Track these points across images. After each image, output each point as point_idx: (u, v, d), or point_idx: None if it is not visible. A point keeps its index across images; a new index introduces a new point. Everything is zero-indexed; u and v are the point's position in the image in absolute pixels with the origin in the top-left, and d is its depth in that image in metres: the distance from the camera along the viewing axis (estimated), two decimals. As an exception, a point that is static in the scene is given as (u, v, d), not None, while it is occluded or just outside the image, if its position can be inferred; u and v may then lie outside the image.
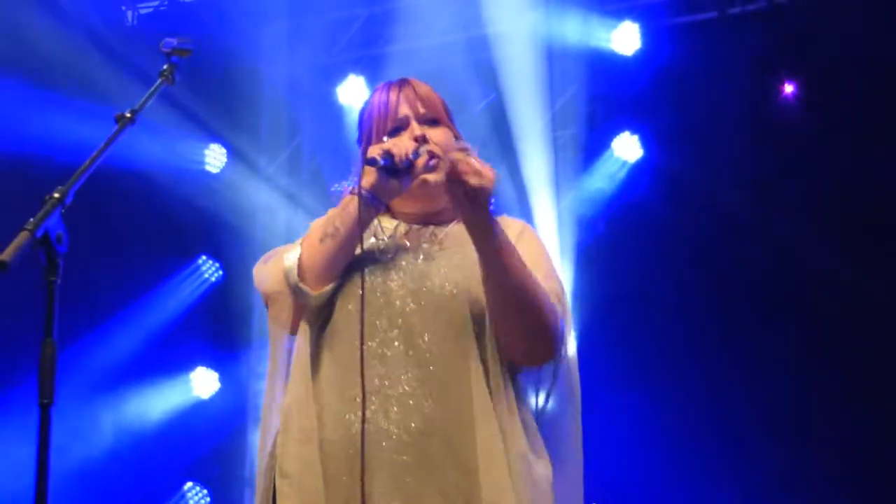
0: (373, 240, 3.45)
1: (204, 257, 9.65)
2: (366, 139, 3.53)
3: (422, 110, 3.50)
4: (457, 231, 3.40)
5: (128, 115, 3.21)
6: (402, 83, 3.55)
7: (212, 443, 9.20)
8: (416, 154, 3.33)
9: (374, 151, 3.31)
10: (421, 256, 3.39)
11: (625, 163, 9.22)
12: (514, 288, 3.17)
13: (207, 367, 9.58)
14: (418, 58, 8.61)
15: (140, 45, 8.88)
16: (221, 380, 9.50)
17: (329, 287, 3.32)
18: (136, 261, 9.31)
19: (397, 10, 9.06)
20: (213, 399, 9.55)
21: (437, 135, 3.46)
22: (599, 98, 9.24)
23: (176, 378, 9.52)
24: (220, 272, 9.64)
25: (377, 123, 3.51)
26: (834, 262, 8.50)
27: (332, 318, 3.34)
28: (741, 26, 8.94)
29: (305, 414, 3.27)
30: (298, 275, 3.32)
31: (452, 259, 3.36)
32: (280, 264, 3.37)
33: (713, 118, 8.80)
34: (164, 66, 3.41)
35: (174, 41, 3.42)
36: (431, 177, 3.39)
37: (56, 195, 2.88)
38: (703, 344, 8.73)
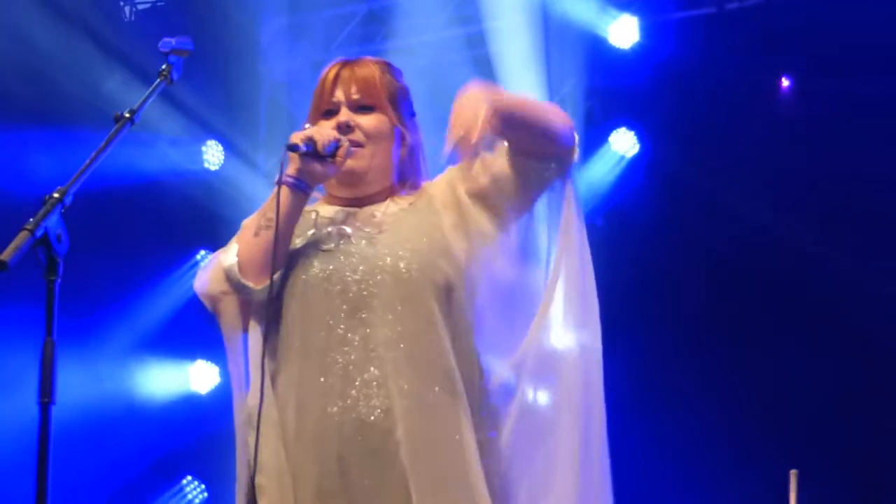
0: (313, 230, 3.47)
1: (203, 252, 9.65)
2: (308, 119, 3.56)
3: (355, 95, 3.49)
4: (394, 208, 3.46)
5: (126, 114, 3.21)
6: (345, 64, 3.56)
7: (210, 437, 9.21)
8: (336, 143, 3.35)
9: (296, 138, 3.32)
10: (364, 241, 3.41)
11: (622, 157, 9.23)
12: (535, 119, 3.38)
13: (207, 360, 9.59)
14: (416, 53, 8.61)
15: (138, 40, 8.88)
16: (221, 374, 9.50)
17: (269, 280, 3.33)
18: (135, 255, 9.31)
19: (396, 6, 9.06)
20: (212, 393, 9.55)
21: (368, 121, 3.47)
22: (597, 92, 9.24)
23: (175, 372, 9.53)
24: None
25: (313, 105, 3.55)
26: (833, 256, 8.51)
27: (283, 312, 3.38)
28: (739, 21, 8.93)
29: (268, 409, 3.30)
30: (239, 271, 3.35)
31: (398, 235, 3.39)
32: (219, 265, 3.40)
33: (711, 113, 8.81)
34: (163, 66, 3.41)
35: (172, 41, 3.43)
36: (354, 163, 3.43)
37: (56, 195, 2.89)
38: (701, 338, 8.74)
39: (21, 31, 8.48)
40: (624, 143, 9.23)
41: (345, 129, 3.43)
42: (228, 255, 3.39)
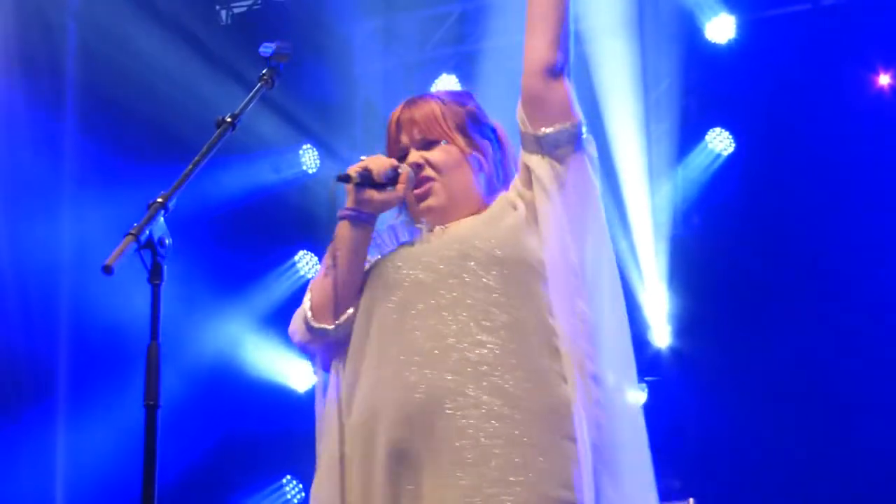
0: (380, 249, 3.51)
1: (302, 251, 9.71)
2: None
3: (418, 136, 3.51)
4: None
5: (228, 119, 3.24)
6: (405, 107, 3.58)
7: (308, 436, 9.23)
8: (395, 170, 3.38)
9: (351, 170, 3.35)
10: (427, 242, 3.42)
11: (718, 156, 9.18)
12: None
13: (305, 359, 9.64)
14: (511, 54, 8.58)
15: (234, 43, 8.95)
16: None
17: (345, 316, 3.38)
18: (237, 254, 9.40)
19: (490, 7, 9.05)
20: (309, 392, 9.60)
21: (435, 155, 3.48)
22: (693, 91, 9.19)
23: (273, 371, 9.58)
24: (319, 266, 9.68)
25: (386, 152, 3.56)
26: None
27: (357, 331, 3.40)
28: (834, 17, 8.85)
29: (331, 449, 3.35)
30: (313, 317, 3.39)
31: (459, 230, 3.40)
32: (300, 313, 3.45)
33: (806, 110, 8.72)
34: (264, 71, 3.44)
35: (273, 46, 3.46)
36: (433, 201, 3.47)
37: (159, 200, 2.92)
38: (800, 334, 8.65)
39: (122, 39, 8.59)
40: (720, 141, 9.18)
41: (416, 168, 3.46)
42: (304, 302, 3.45)
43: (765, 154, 8.94)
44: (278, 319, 9.43)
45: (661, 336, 9.09)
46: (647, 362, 9.00)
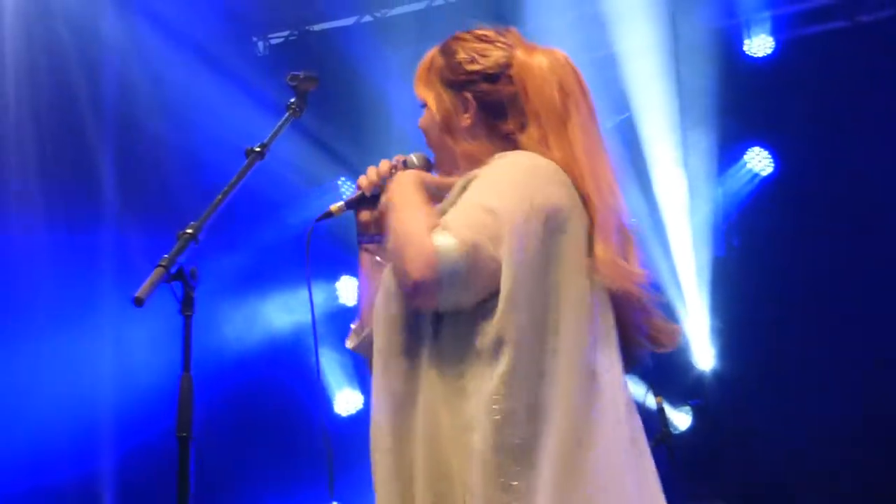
0: None
1: (344, 276, 9.72)
2: None
3: (419, 102, 3.36)
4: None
5: (257, 148, 3.24)
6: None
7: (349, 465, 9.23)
8: (384, 180, 3.30)
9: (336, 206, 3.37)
10: None
11: (757, 175, 9.15)
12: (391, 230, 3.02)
13: (352, 388, 9.77)
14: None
15: (270, 74, 8.98)
16: (364, 402, 9.58)
17: (363, 335, 3.34)
18: (273, 287, 9.43)
19: (523, 32, 9.02)
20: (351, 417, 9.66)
21: (420, 121, 3.35)
22: (731, 111, 9.14)
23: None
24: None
25: None
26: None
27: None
28: (873, 34, 8.80)
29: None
30: (349, 336, 3.40)
31: None
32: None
33: (845, 128, 8.67)
34: (292, 100, 3.44)
35: (300, 74, 3.45)
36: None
37: (189, 231, 2.91)
38: (843, 355, 8.59)
39: (160, 71, 8.64)
40: (759, 161, 9.14)
41: (399, 166, 3.41)
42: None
43: (804, 173, 8.90)
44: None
45: (704, 358, 9.05)
46: (690, 385, 8.97)
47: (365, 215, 3.32)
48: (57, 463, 8.13)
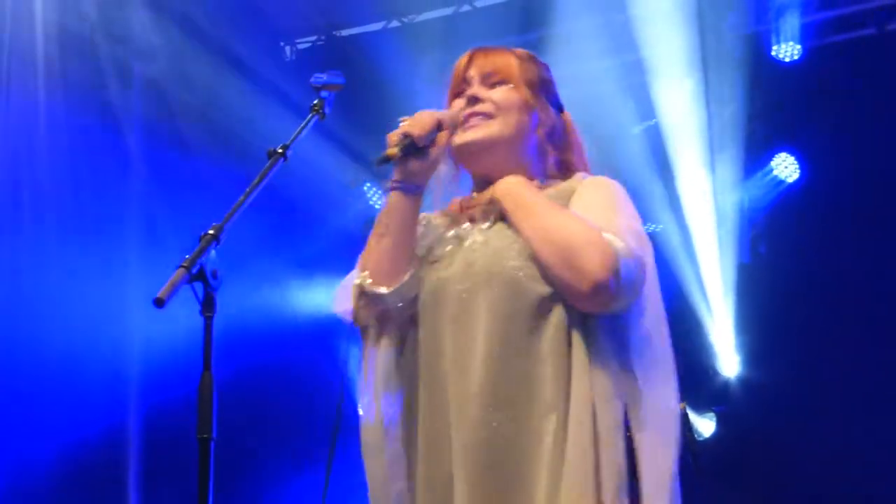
0: (432, 238, 3.39)
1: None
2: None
3: (487, 69, 3.40)
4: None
5: (279, 150, 3.23)
6: (480, 48, 3.49)
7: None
8: (437, 129, 3.25)
9: (392, 137, 3.26)
10: (479, 238, 3.29)
11: (784, 182, 9.12)
12: (538, 227, 3.12)
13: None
14: (573, 83, 8.58)
15: (297, 79, 9.00)
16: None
17: (403, 280, 3.25)
18: (297, 287, 9.48)
19: (551, 38, 9.03)
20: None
21: (498, 93, 3.36)
22: (758, 117, 9.12)
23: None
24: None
25: (449, 91, 3.47)
26: None
27: (418, 334, 3.29)
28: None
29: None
30: (370, 282, 3.26)
31: (508, 233, 3.24)
32: (352, 281, 3.31)
33: (872, 136, 8.64)
34: (315, 101, 3.44)
35: (324, 76, 3.45)
36: (473, 134, 3.34)
37: (211, 232, 2.91)
38: (871, 364, 8.55)
39: (189, 76, 8.67)
40: (785, 167, 9.11)
41: (472, 101, 3.36)
42: (357, 271, 3.31)
43: (831, 180, 8.86)
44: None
45: (730, 365, 9.04)
46: (715, 392, 8.95)
47: (415, 164, 3.24)
48: (83, 418, 8.17)
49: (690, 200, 8.89)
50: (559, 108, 3.49)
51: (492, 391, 3.08)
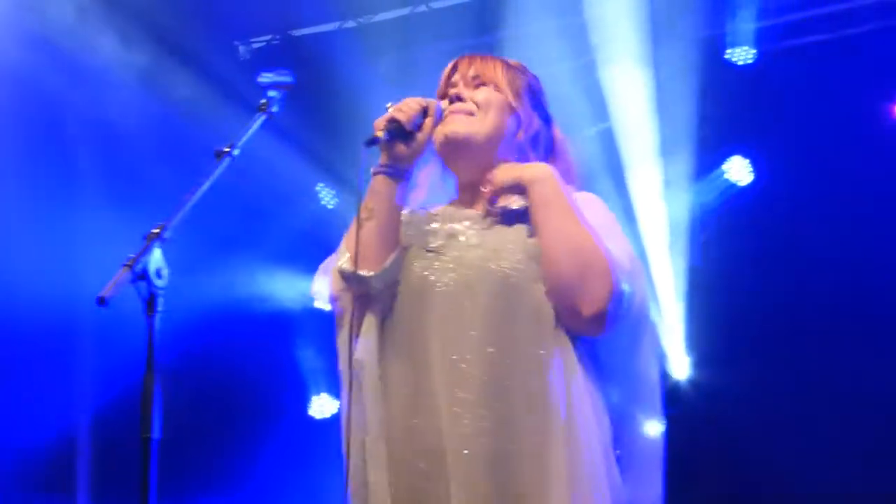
0: (422, 228, 3.41)
1: (318, 277, 9.72)
2: None
3: (472, 73, 3.46)
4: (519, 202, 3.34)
5: (227, 150, 3.23)
6: (468, 55, 3.56)
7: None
8: (423, 115, 3.32)
9: (378, 123, 3.30)
10: (473, 238, 3.32)
11: (736, 186, 9.15)
12: (566, 231, 3.14)
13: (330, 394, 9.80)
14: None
15: (253, 79, 8.95)
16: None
17: (387, 263, 3.27)
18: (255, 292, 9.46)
19: (507, 40, 9.05)
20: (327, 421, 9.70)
21: (480, 93, 3.43)
22: (711, 121, 9.15)
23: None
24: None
25: (436, 94, 3.52)
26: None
27: (394, 312, 3.31)
28: (854, 48, 8.82)
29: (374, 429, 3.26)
30: (352, 264, 3.28)
31: (506, 235, 3.28)
32: (335, 265, 3.36)
33: (825, 141, 8.69)
34: (262, 100, 3.44)
35: (272, 75, 3.46)
36: (454, 127, 3.40)
37: (155, 231, 2.91)
38: (822, 366, 8.60)
39: (143, 75, 8.63)
40: (738, 171, 9.15)
41: (455, 99, 3.42)
42: (341, 255, 3.35)
43: (783, 184, 8.90)
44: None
45: (681, 368, 9.07)
46: (666, 394, 8.96)
47: (401, 148, 3.30)
48: (31, 419, 8.14)
49: (642, 203, 8.91)
50: (547, 120, 3.56)
51: (488, 397, 3.11)
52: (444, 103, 3.43)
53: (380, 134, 3.27)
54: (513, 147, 3.44)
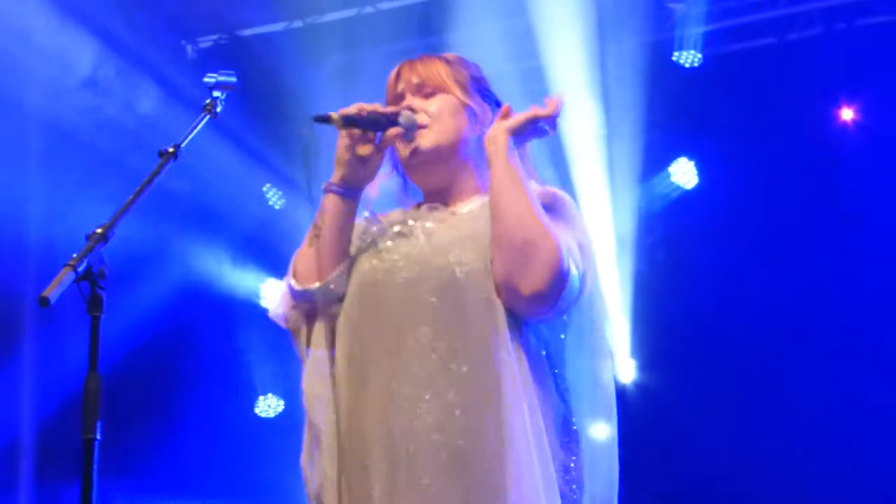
0: (374, 231, 3.38)
1: (270, 279, 9.71)
2: None
3: (416, 80, 3.42)
4: (477, 207, 3.33)
5: (170, 150, 3.21)
6: (407, 61, 3.50)
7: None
8: (390, 118, 3.29)
9: (344, 111, 3.28)
10: (422, 237, 3.30)
11: (682, 189, 9.19)
12: (519, 213, 3.11)
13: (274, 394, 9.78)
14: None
15: (199, 79, 8.92)
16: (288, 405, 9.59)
17: (331, 276, 3.26)
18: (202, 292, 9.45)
19: (453, 42, 9.05)
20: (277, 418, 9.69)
21: (432, 103, 3.38)
22: (657, 123, 9.19)
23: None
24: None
25: (386, 102, 3.48)
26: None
27: (344, 315, 3.29)
28: (799, 52, 8.88)
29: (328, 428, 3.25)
30: (297, 280, 3.28)
31: (463, 230, 3.26)
32: (283, 284, 3.34)
33: (771, 144, 8.75)
34: (207, 101, 3.43)
35: (216, 75, 3.45)
36: (420, 141, 3.35)
37: (99, 231, 2.89)
38: (766, 368, 8.66)
39: (85, 72, 8.58)
40: (684, 174, 9.19)
41: (409, 110, 3.37)
42: (288, 274, 3.33)
43: (729, 187, 8.95)
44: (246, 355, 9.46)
45: (626, 371, 9.10)
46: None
47: (355, 170, 3.30)
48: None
49: (588, 206, 8.93)
50: (497, 104, 3.51)
51: (437, 391, 3.08)
52: (423, 116, 3.40)
53: (335, 115, 3.25)
54: (472, 142, 3.42)
